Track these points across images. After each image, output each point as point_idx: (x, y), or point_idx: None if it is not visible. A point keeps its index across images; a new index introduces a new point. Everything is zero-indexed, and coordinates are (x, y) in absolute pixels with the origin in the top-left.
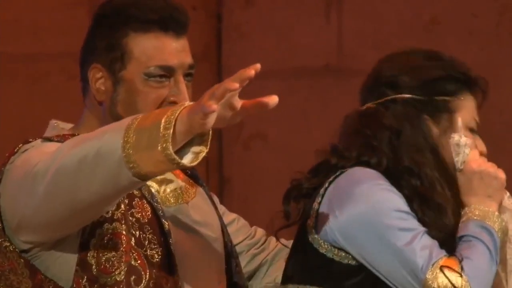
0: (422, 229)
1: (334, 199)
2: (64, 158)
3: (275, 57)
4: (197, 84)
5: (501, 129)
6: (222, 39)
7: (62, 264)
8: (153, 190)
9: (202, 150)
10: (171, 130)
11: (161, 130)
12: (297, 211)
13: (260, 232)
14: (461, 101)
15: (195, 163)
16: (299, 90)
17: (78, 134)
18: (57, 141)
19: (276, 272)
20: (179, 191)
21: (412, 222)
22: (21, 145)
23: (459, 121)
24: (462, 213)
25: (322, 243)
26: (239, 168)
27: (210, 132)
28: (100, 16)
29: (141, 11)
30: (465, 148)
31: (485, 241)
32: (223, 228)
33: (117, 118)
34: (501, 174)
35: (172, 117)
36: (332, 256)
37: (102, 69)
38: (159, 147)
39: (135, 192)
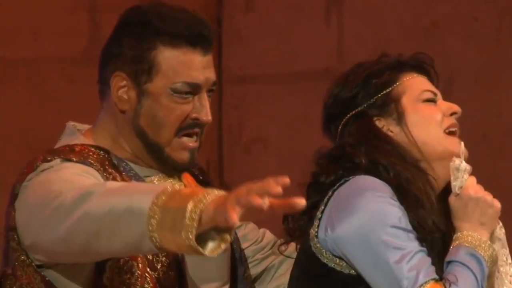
0: (414, 249)
1: (335, 207)
2: (92, 205)
3: (275, 61)
4: None
5: (500, 131)
6: (222, 43)
7: (77, 284)
8: None
9: (225, 239)
10: (196, 222)
11: (186, 219)
12: (299, 228)
13: (268, 236)
14: (402, 84)
15: (216, 253)
16: (299, 94)
17: (96, 145)
18: (77, 162)
19: (284, 277)
20: None
21: (406, 241)
22: (39, 162)
23: (462, 145)
24: (454, 237)
25: (324, 252)
26: (240, 172)
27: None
28: (127, 23)
29: (172, 25)
30: (464, 174)
31: (473, 269)
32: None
33: (139, 129)
34: (497, 204)
35: (198, 209)
36: (334, 265)
37: (126, 78)
38: (182, 235)
39: None
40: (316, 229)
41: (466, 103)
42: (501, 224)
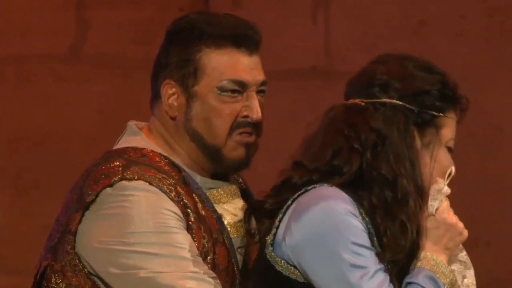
0: (373, 268)
1: (293, 215)
2: None
3: (262, 59)
4: None
5: (488, 131)
6: None
7: None
8: (231, 235)
9: None
10: None
11: None
12: (259, 230)
13: None
14: (447, 119)
15: None
16: (287, 92)
17: (165, 155)
18: (156, 188)
19: None
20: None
21: (365, 259)
22: (118, 178)
23: (452, 170)
24: (417, 257)
25: (279, 261)
26: None
27: None
28: (173, 32)
29: (215, 28)
30: (443, 197)
31: None
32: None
33: (192, 133)
34: (466, 233)
35: None
36: (288, 274)
37: (175, 85)
38: None
39: (218, 236)
40: (272, 237)
41: None
42: (461, 246)
